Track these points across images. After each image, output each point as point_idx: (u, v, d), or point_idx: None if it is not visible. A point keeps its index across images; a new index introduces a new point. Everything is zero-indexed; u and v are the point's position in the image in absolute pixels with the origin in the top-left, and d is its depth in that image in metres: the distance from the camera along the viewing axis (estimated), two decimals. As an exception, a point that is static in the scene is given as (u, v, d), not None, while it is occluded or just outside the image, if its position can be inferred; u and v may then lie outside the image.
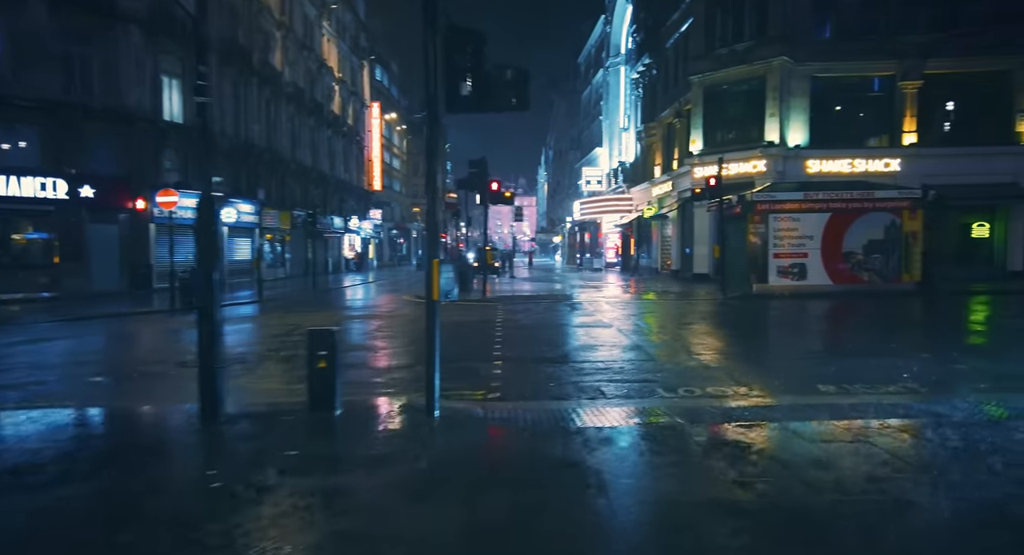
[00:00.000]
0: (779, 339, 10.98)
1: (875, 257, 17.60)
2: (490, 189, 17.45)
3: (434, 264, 5.20)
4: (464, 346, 10.01)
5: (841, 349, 9.44)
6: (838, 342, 10.19)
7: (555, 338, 10.77)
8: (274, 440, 4.87)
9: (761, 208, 17.65)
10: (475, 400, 6.33)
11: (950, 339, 10.57)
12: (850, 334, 10.95)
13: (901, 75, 22.10)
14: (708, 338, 10.61)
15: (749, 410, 5.70)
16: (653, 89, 32.67)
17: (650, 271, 32.96)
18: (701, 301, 17.00)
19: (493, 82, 5.19)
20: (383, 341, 10.91)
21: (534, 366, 8.14)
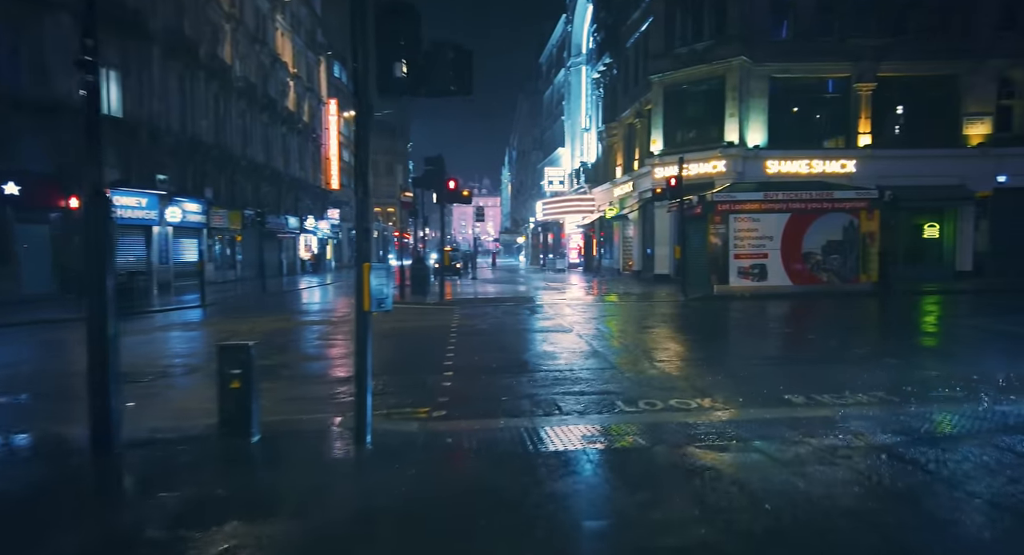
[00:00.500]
0: (741, 343, 10.67)
1: (833, 258, 17.64)
2: (447, 187, 16.80)
3: (364, 269, 4.57)
4: (414, 355, 9.39)
5: (805, 353, 9.16)
6: (801, 346, 9.93)
7: (512, 344, 10.21)
8: (169, 477, 4.16)
9: (721, 208, 17.49)
10: (418, 418, 5.72)
11: (913, 342, 10.45)
12: (813, 337, 10.74)
13: (856, 77, 22.36)
14: (669, 343, 10.22)
15: (715, 427, 5.24)
16: (614, 89, 32.50)
17: (612, 272, 32.79)
18: (662, 303, 16.72)
19: (431, 63, 4.59)
20: (329, 350, 10.18)
21: (487, 377, 7.56)
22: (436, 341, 10.32)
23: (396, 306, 17.22)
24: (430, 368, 8.07)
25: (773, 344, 10.40)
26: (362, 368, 4.63)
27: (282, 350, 9.94)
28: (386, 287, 4.60)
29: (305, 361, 9.20)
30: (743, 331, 11.97)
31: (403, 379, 7.42)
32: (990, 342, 10.13)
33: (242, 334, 11.95)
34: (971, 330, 11.44)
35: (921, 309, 15.21)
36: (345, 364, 8.74)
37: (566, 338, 10.49)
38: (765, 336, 11.34)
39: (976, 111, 22.33)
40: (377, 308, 4.60)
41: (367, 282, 4.56)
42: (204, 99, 30.63)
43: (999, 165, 21.90)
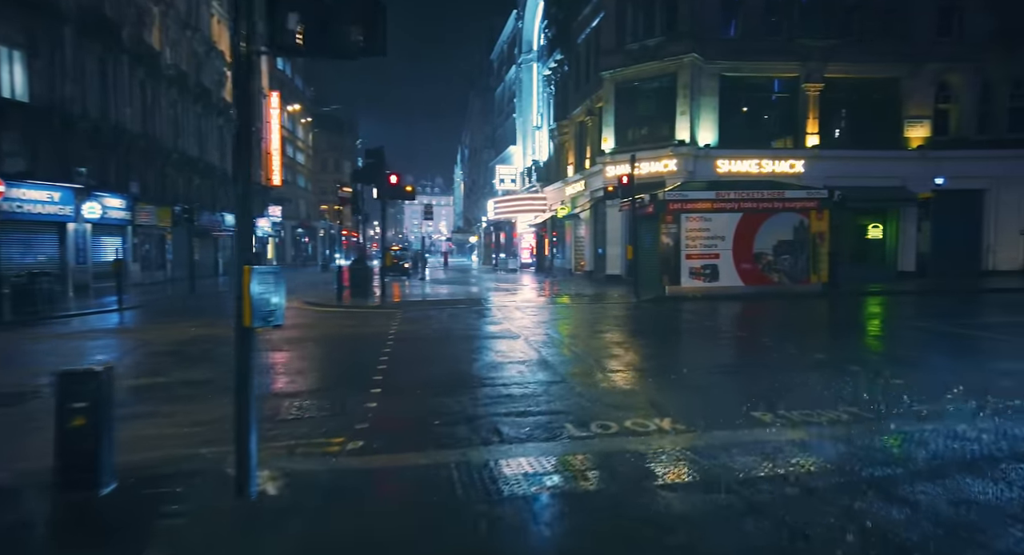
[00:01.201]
0: (697, 350, 10.08)
1: (784, 258, 17.46)
2: (388, 182, 15.73)
3: (244, 273, 3.59)
4: (340, 368, 8.37)
5: (763, 360, 8.62)
6: (759, 352, 9.41)
7: (454, 354, 9.31)
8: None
9: (673, 207, 17.04)
10: (329, 452, 4.76)
11: (870, 346, 10.10)
12: (769, 342, 10.27)
13: (804, 77, 22.43)
14: (622, 350, 9.52)
15: (679, 457, 4.50)
16: (565, 86, 31.96)
17: (564, 272, 32.25)
18: (614, 305, 16.13)
19: (333, 16, 3.65)
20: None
21: (421, 395, 6.64)
22: (369, 351, 9.31)
23: (332, 311, 16.09)
24: (356, 385, 7.09)
25: (729, 350, 9.85)
26: (244, 403, 3.65)
27: (192, 362, 8.74)
28: (275, 296, 3.63)
29: (218, 376, 8.05)
30: (697, 335, 11.41)
31: (321, 400, 6.42)
32: (945, 345, 9.88)
33: (153, 342, 10.63)
34: (924, 333, 11.23)
35: (871, 311, 15.12)
36: (266, 379, 7.64)
37: (514, 346, 9.67)
38: (720, 341, 10.80)
39: (916, 114, 22.77)
40: (263, 323, 3.63)
41: (247, 291, 3.58)
42: (129, 86, 28.38)
43: (937, 167, 22.37)
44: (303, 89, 70.05)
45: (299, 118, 65.59)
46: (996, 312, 14.14)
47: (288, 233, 62.53)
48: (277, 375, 7.85)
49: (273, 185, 51.67)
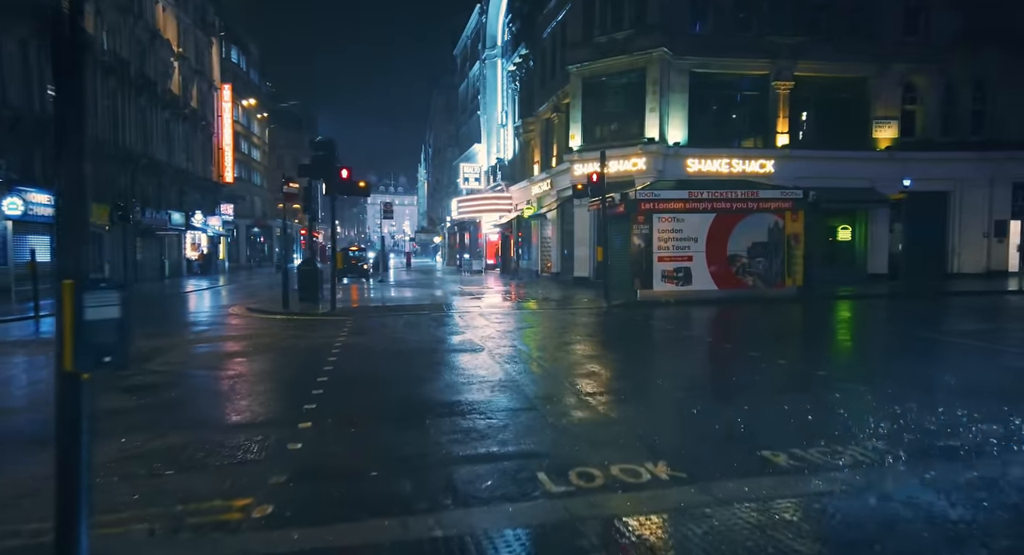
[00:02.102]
0: (680, 365, 9.09)
1: (759, 260, 16.81)
2: (339, 176, 14.41)
3: (64, 292, 2.39)
4: (265, 394, 7.10)
5: (755, 378, 7.71)
6: (748, 368, 8.51)
7: (405, 373, 8.14)
8: None
9: (645, 207, 16.19)
10: (224, 526, 3.56)
11: (866, 359, 9.33)
12: (758, 353, 9.40)
13: (774, 75, 21.95)
14: (597, 365, 8.51)
15: (686, 524, 3.47)
16: (530, 82, 30.97)
17: (530, 274, 31.25)
18: (584, 311, 15.16)
19: None
20: (132, 397, 7.66)
21: (359, 431, 5.47)
22: (307, 369, 8.06)
23: (274, 318, 14.67)
24: (282, 416, 5.89)
25: (715, 365, 8.92)
26: (69, 483, 2.44)
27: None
28: (115, 327, 2.44)
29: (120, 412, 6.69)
30: (677, 347, 10.47)
31: (234, 439, 5.19)
32: (945, 356, 9.19)
33: (39, 365, 9.13)
34: (918, 341, 10.58)
35: (852, 317, 14.53)
36: (171, 409, 6.33)
37: (476, 361, 8.55)
38: (703, 354, 9.87)
39: (884, 115, 22.56)
40: (94, 367, 2.44)
41: (70, 317, 2.38)
42: (58, 73, 26.10)
43: (904, 169, 22.15)
44: (259, 84, 67.44)
45: (255, 113, 63.04)
46: (974, 317, 13.69)
47: (243, 232, 59.96)
48: (186, 402, 6.55)
49: (225, 182, 49.30)
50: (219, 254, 49.30)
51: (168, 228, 37.65)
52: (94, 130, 28.61)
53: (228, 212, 49.75)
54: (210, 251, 45.97)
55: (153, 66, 36.32)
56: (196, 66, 43.82)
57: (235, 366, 8.46)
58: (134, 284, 28.76)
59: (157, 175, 36.77)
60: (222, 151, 48.97)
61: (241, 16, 62.10)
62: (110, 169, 30.83)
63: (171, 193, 39.22)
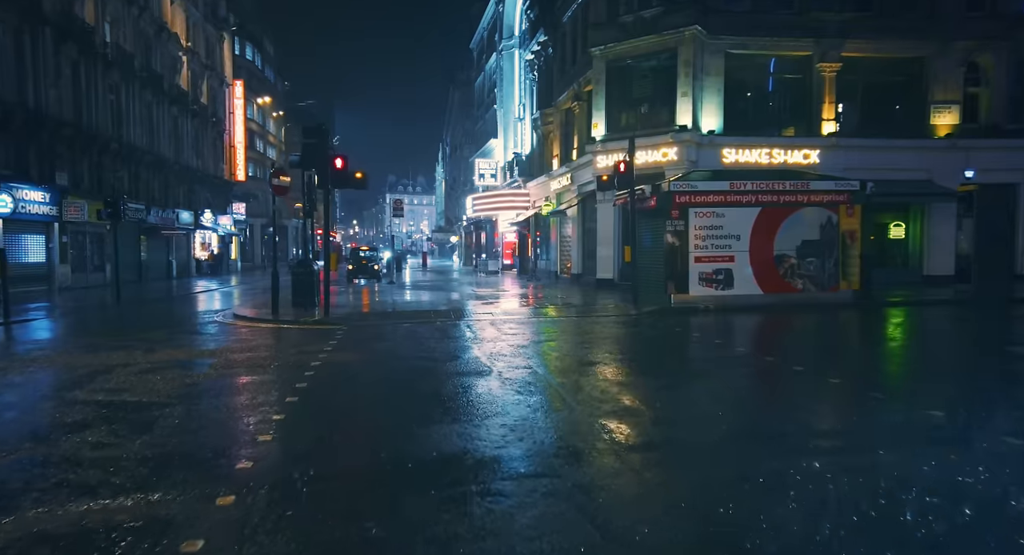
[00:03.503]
0: (748, 400, 6.94)
1: (809, 261, 14.77)
2: (333, 167, 12.72)
3: None
4: (202, 429, 5.32)
5: (855, 422, 5.78)
6: (837, 403, 6.58)
7: (390, 406, 6.36)
8: None
9: (680, 201, 14.25)
10: None
11: (979, 389, 7.32)
12: (841, 380, 7.38)
13: (819, 56, 19.82)
14: (634, 399, 6.64)
15: None
16: (549, 71, 29.12)
17: (548, 275, 29.39)
18: (610, 319, 13.27)
19: None
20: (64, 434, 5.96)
21: (310, 506, 3.71)
22: (265, 400, 6.34)
23: (259, 326, 12.99)
24: (208, 469, 4.15)
25: (793, 401, 6.90)
26: None
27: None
28: None
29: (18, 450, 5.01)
30: (735, 371, 8.43)
31: (121, 516, 3.44)
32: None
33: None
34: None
35: (930, 327, 12.43)
36: (60, 467, 4.61)
37: (482, 390, 6.76)
38: (772, 382, 7.72)
39: (943, 99, 20.28)
40: None
41: None
42: (54, 64, 24.94)
43: (966, 158, 19.91)
44: (275, 82, 66.52)
45: (270, 111, 62.04)
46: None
47: (257, 232, 58.97)
48: (96, 447, 4.84)
49: (237, 180, 48.20)
50: (231, 254, 48.23)
51: (175, 227, 36.50)
52: (93, 124, 27.42)
53: (240, 211, 48.69)
54: (221, 251, 44.87)
55: (160, 60, 35.18)
56: (206, 61, 42.71)
57: (186, 390, 6.77)
58: (136, 285, 27.52)
59: (163, 172, 35.63)
60: (234, 149, 47.88)
61: (260, 14, 61.24)
62: (111, 166, 29.66)
63: (179, 191, 38.10)
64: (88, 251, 28.16)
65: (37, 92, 23.97)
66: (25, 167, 23.73)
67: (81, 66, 26.96)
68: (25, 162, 23.81)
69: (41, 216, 24.06)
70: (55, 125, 24.75)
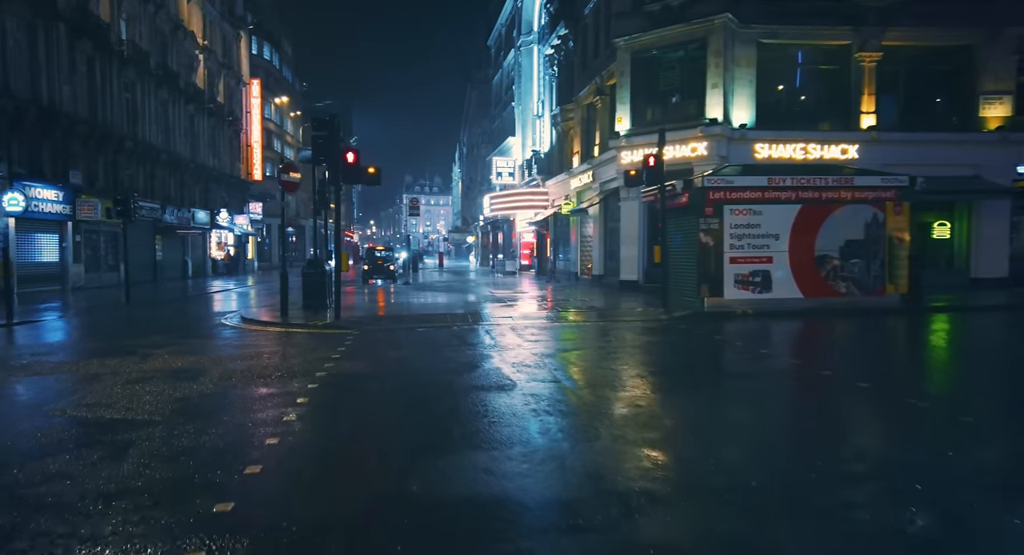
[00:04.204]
0: (808, 424, 5.80)
1: (854, 262, 13.72)
2: (344, 161, 11.99)
3: None
4: (182, 456, 4.54)
5: (961, 458, 4.86)
6: (922, 430, 5.65)
7: (400, 430, 5.56)
8: None
9: (715, 197, 13.29)
10: None
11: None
12: (925, 404, 6.38)
13: (858, 45, 18.69)
14: (678, 422, 5.74)
15: None
16: (570, 65, 28.22)
17: (568, 276, 28.49)
18: (639, 324, 12.36)
19: None
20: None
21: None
22: (253, 420, 5.59)
23: (266, 330, 12.32)
24: (170, 521, 3.38)
25: (877, 425, 5.89)
26: None
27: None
28: None
29: None
30: (795, 390, 7.35)
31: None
32: None
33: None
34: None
35: (1000, 337, 11.33)
36: None
37: (504, 410, 5.93)
38: (846, 405, 6.36)
39: (993, 89, 19.01)
40: None
41: None
42: (69, 61, 24.64)
43: (1019, 153, 18.67)
44: (293, 82, 66.40)
45: (288, 111, 61.84)
46: None
47: (275, 232, 58.78)
48: (53, 479, 4.10)
49: (254, 180, 47.93)
50: (247, 254, 48.01)
51: (191, 226, 36.22)
52: (108, 121, 27.12)
53: (257, 211, 48.39)
54: (237, 251, 44.63)
55: (176, 58, 34.92)
56: (223, 60, 42.46)
57: (171, 407, 6.04)
58: (150, 284, 27.18)
59: (179, 171, 35.37)
60: (251, 148, 47.63)
61: (278, 15, 61.09)
62: (126, 164, 29.37)
63: (195, 190, 37.84)
64: (102, 250, 27.86)
65: (51, 89, 23.66)
66: (39, 165, 23.44)
67: (96, 63, 26.66)
68: (39, 160, 23.51)
69: (54, 215, 23.75)
70: (69, 122, 24.42)
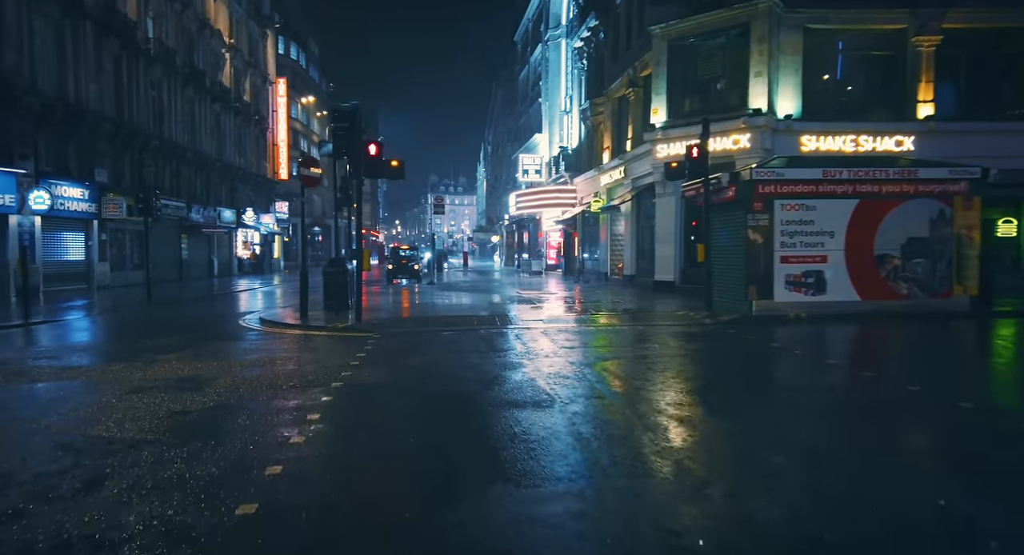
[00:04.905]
0: (931, 451, 5.05)
1: (917, 262, 12.55)
2: (366, 153, 11.28)
3: None
4: (166, 490, 3.77)
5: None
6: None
7: (422, 460, 4.75)
8: None
9: (764, 191, 12.25)
10: None
11: None
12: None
13: (915, 29, 17.40)
14: (769, 454, 4.84)
15: None
16: (600, 58, 27.25)
17: (597, 276, 27.52)
18: (681, 328, 11.40)
19: None
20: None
21: None
22: (255, 442, 4.84)
23: (286, 333, 11.65)
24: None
25: (1006, 456, 4.98)
26: None
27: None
28: None
29: None
30: (883, 409, 6.32)
31: None
32: None
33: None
34: None
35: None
36: None
37: (542, 434, 5.09)
38: (961, 431, 5.33)
39: (1065, 75, 17.54)
40: None
41: None
42: (96, 59, 24.52)
43: (1095, 144, 17.14)
44: (319, 82, 66.46)
45: (314, 111, 61.83)
46: None
47: (301, 231, 58.86)
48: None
49: (280, 179, 47.88)
50: (273, 253, 47.99)
51: (217, 225, 36.15)
52: (134, 120, 27.01)
53: (283, 210, 48.32)
54: (263, 250, 44.60)
55: (202, 57, 34.85)
56: (249, 59, 42.41)
57: (140, 442, 5.34)
58: (174, 283, 27.03)
59: (205, 170, 35.30)
60: (277, 147, 47.59)
61: (305, 15, 61.20)
62: (152, 163, 29.27)
63: (221, 189, 37.79)
64: (128, 249, 27.76)
65: (78, 87, 23.54)
66: (65, 163, 23.34)
67: (123, 61, 26.55)
68: (65, 158, 23.41)
69: (80, 213, 23.62)
70: (95, 120, 24.29)
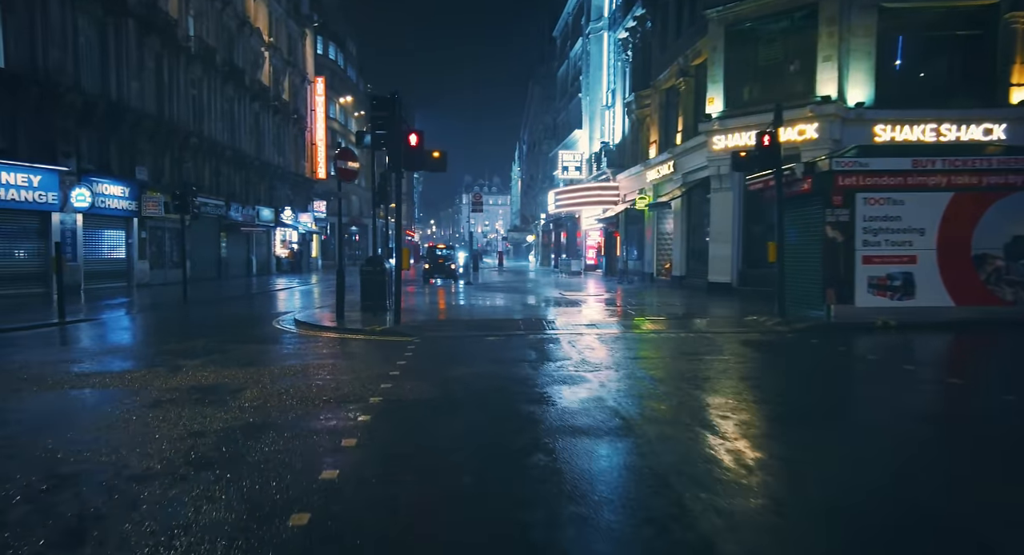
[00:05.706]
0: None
1: (1022, 264, 11.09)
2: (407, 144, 10.46)
3: None
4: (156, 551, 2.93)
5: None
6: None
7: (471, 514, 3.83)
8: None
9: (845, 183, 10.97)
10: None
11: None
12: None
13: (1009, 4, 15.72)
14: (910, 504, 3.76)
15: None
16: (646, 48, 26.01)
17: (641, 276, 26.28)
18: (755, 337, 10.23)
19: None
20: None
21: None
22: (278, 479, 4.00)
23: (321, 335, 10.90)
24: None
25: None
26: None
27: None
28: None
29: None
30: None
31: None
32: None
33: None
34: None
35: None
36: None
37: (621, 476, 4.13)
38: None
39: None
40: None
41: None
42: (137, 57, 24.50)
43: None
44: (357, 82, 66.61)
45: (352, 111, 61.93)
46: None
47: (336, 230, 58.97)
48: None
49: (318, 178, 47.92)
50: (311, 252, 48.05)
51: (256, 224, 36.15)
52: (174, 118, 26.98)
53: (321, 209, 48.34)
54: (301, 249, 44.63)
55: (242, 55, 34.86)
56: (288, 58, 42.43)
57: (146, 477, 4.56)
58: (214, 281, 26.92)
59: (244, 168, 35.31)
60: (315, 146, 47.64)
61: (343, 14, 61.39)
62: (192, 161, 29.27)
63: (259, 188, 37.82)
64: (167, 247, 27.76)
65: (120, 85, 23.53)
66: (106, 161, 23.35)
67: (164, 59, 26.53)
68: (106, 156, 23.43)
69: (120, 211, 23.61)
70: (136, 118, 24.26)
